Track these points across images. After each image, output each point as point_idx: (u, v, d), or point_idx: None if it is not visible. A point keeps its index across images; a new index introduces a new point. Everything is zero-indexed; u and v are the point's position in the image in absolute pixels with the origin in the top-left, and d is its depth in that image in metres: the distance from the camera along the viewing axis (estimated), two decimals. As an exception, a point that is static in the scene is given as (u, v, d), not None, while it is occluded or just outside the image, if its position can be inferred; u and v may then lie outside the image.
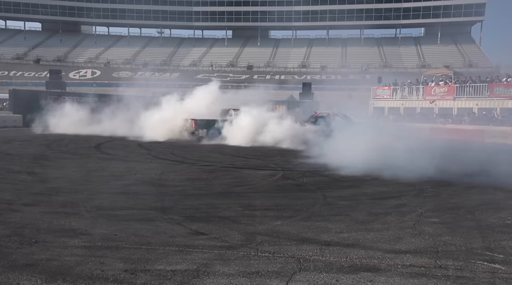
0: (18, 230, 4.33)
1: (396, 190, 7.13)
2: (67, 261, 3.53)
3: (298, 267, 3.53)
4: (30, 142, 14.37)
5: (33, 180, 7.33)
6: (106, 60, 57.92)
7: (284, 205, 5.83)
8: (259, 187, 7.33)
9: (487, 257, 3.87)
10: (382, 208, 5.78)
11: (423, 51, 56.31)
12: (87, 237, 4.19)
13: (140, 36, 67.32)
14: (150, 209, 5.42)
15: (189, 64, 58.20)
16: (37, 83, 42.96)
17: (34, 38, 62.80)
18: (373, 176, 8.41)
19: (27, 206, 5.33)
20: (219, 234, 4.41)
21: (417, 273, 3.45)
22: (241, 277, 3.31)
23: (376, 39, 61.47)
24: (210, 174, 8.56)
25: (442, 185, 7.82)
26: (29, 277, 3.18)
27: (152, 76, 53.71)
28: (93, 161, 10.10)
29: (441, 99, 27.23)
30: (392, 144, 10.53)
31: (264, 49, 60.71)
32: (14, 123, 23.31)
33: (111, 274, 3.27)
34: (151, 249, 3.90)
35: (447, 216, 5.39)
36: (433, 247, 4.13)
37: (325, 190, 7.02)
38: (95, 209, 5.29)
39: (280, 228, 4.68)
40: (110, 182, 7.38)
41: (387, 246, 4.13)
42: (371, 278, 3.33)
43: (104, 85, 47.29)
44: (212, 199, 6.17)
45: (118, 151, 12.53)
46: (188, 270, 3.41)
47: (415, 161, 8.97)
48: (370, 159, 9.02)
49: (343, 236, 4.45)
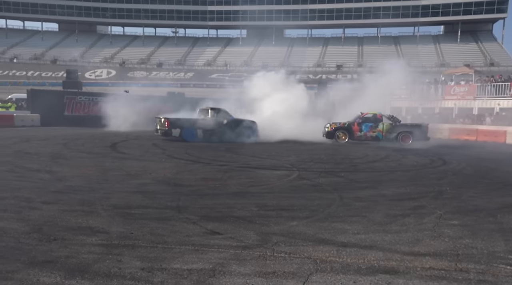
0: (37, 227, 4.40)
1: (414, 192, 6.99)
2: (85, 258, 3.56)
3: (315, 268, 3.49)
4: (48, 141, 14.66)
5: (51, 179, 7.46)
6: (121, 60, 58.76)
7: (299, 206, 5.78)
8: (274, 187, 7.29)
9: (510, 260, 3.75)
10: (400, 209, 5.68)
11: (442, 49, 55.33)
12: (104, 235, 4.23)
13: (155, 36, 68.07)
14: (166, 208, 5.44)
15: (204, 63, 58.55)
16: (54, 83, 43.88)
17: (51, 39, 64.15)
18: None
19: (46, 204, 5.42)
20: (235, 234, 4.39)
21: (437, 276, 3.37)
22: (257, 277, 3.28)
23: (393, 38, 60.71)
24: (224, 174, 8.56)
25: (463, 187, 7.65)
26: (49, 273, 3.22)
27: (167, 75, 54.25)
28: (109, 160, 10.23)
29: (461, 99, 26.66)
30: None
31: (279, 48, 60.56)
32: (32, 123, 23.84)
33: (128, 272, 3.29)
34: (167, 248, 3.91)
35: (467, 219, 5.26)
36: (454, 250, 4.03)
37: (342, 191, 6.93)
38: (111, 208, 5.34)
39: (296, 229, 4.64)
40: (125, 181, 7.46)
41: (406, 248, 4.05)
42: (389, 280, 3.26)
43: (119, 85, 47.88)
44: (227, 199, 6.16)
45: (133, 150, 12.67)
46: (204, 269, 3.40)
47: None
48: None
49: (360, 237, 4.38)
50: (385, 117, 17.78)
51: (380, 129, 17.36)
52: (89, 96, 27.23)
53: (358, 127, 17.54)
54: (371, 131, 17.42)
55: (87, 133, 18.30)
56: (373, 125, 17.46)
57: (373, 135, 17.43)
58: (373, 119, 17.54)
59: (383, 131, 17.34)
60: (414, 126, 17.64)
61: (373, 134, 17.41)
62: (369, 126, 17.46)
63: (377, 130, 17.37)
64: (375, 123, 17.47)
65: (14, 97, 32.86)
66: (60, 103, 25.85)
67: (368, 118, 17.60)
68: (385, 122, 17.50)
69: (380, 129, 17.36)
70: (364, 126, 17.49)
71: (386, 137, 17.27)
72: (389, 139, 17.23)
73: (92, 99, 26.84)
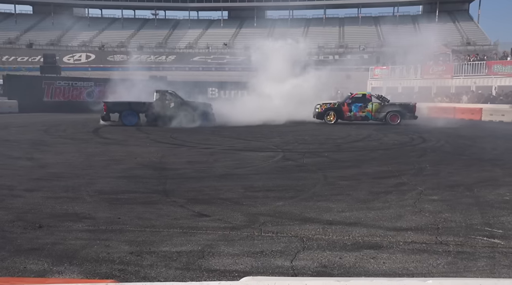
0: (21, 215, 4.35)
1: (396, 170, 7.17)
2: (73, 244, 3.56)
3: (302, 246, 3.58)
4: (27, 128, 14.29)
5: (32, 166, 7.32)
6: (100, 43, 57.05)
7: (285, 186, 5.86)
8: (260, 169, 7.35)
9: (487, 232, 3.93)
10: (382, 187, 5.83)
11: (421, 29, 55.67)
12: (90, 221, 4.21)
13: (134, 19, 66.13)
14: (152, 193, 5.44)
15: (185, 46, 57.42)
16: (31, 68, 42.42)
17: (26, 22, 61.58)
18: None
19: (29, 192, 5.33)
20: (222, 216, 4.44)
21: (419, 249, 3.51)
22: (246, 256, 3.35)
23: (374, 18, 60.65)
24: (210, 157, 8.57)
25: (441, 164, 7.88)
26: (36, 261, 3.21)
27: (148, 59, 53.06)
28: (92, 146, 10.08)
29: (439, 78, 27.11)
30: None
31: (261, 29, 59.72)
32: (9, 109, 23.14)
33: (117, 257, 3.31)
34: (155, 231, 3.93)
35: (446, 194, 5.44)
36: (434, 224, 4.18)
37: (326, 171, 7.05)
38: (97, 194, 5.30)
39: (282, 209, 4.72)
40: (110, 166, 7.38)
41: (389, 224, 4.18)
42: (373, 255, 3.38)
43: (99, 69, 46.78)
44: (214, 181, 6.19)
45: (116, 135, 12.49)
46: (193, 251, 3.44)
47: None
48: None
49: (345, 215, 4.50)
50: (374, 97, 18.05)
51: (369, 109, 17.66)
52: (68, 81, 26.52)
53: (348, 107, 17.83)
54: (361, 111, 17.74)
55: (68, 119, 17.91)
56: (363, 105, 17.74)
57: (363, 115, 17.75)
58: (363, 99, 17.85)
59: (372, 111, 17.66)
60: (402, 106, 17.93)
61: (363, 114, 17.74)
62: (359, 106, 17.75)
63: (367, 110, 17.70)
64: (365, 103, 17.76)
65: (-12, 84, 31.68)
66: (39, 89, 25.14)
67: (357, 98, 17.88)
68: (374, 102, 17.77)
69: (370, 109, 17.66)
70: (353, 106, 17.79)
71: (375, 117, 17.62)
72: (378, 119, 17.58)
73: (72, 84, 26.17)
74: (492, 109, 21.18)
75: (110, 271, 3.04)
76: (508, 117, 19.94)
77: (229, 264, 3.21)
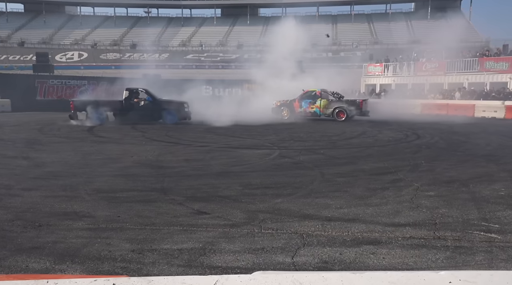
0: (20, 214, 4.33)
1: (392, 166, 7.23)
2: (74, 243, 3.56)
3: (302, 243, 3.61)
4: (21, 127, 14.17)
5: (29, 165, 7.27)
6: (92, 41, 56.60)
7: (283, 183, 5.89)
8: (257, 166, 7.37)
9: (484, 227, 3.99)
10: (379, 183, 5.88)
11: (413, 26, 56.00)
12: (90, 219, 4.21)
13: (127, 16, 65.65)
14: (151, 191, 5.44)
15: (178, 44, 57.19)
16: (23, 67, 41.93)
17: (17, 20, 60.84)
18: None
19: (27, 191, 5.31)
20: (222, 213, 4.46)
21: (417, 245, 3.56)
22: (247, 253, 3.38)
23: (366, 15, 60.88)
24: (206, 155, 8.57)
25: (437, 160, 7.97)
26: (37, 259, 3.20)
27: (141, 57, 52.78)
28: (88, 145, 10.03)
29: (432, 74, 27.29)
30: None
31: (254, 27, 59.76)
32: (2, 108, 22.90)
33: (118, 255, 3.31)
34: (155, 229, 3.94)
35: (443, 190, 5.51)
36: (431, 219, 4.24)
37: (322, 168, 7.10)
38: (95, 192, 5.29)
39: (281, 206, 4.75)
40: (107, 164, 7.36)
41: (387, 220, 4.23)
42: (373, 251, 3.42)
43: (92, 67, 46.38)
44: (211, 179, 6.20)
45: (112, 133, 12.44)
46: (194, 249, 3.46)
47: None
48: None
49: (343, 211, 4.54)
50: (326, 94, 18.64)
51: (317, 105, 18.31)
52: (62, 80, 26.29)
53: (299, 103, 18.56)
54: (310, 107, 18.42)
55: (62, 118, 17.72)
56: (312, 101, 18.41)
57: (312, 111, 18.42)
58: (312, 95, 18.50)
59: (320, 107, 18.29)
60: (348, 102, 18.41)
61: (312, 110, 18.42)
62: (308, 102, 18.43)
63: (315, 106, 18.36)
64: (313, 99, 18.40)
65: (-20, 82, 31.30)
66: (32, 88, 24.89)
67: (307, 95, 18.57)
68: (323, 98, 18.35)
69: (318, 105, 18.30)
70: (303, 103, 18.50)
71: (324, 113, 18.27)
72: (326, 115, 18.23)
73: (65, 83, 25.96)
74: (484, 106, 21.39)
75: (112, 269, 3.05)
76: (501, 113, 20.15)
77: (231, 261, 3.23)
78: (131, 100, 15.57)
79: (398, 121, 17.14)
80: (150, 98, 15.76)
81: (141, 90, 15.98)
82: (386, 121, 17.20)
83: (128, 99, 15.60)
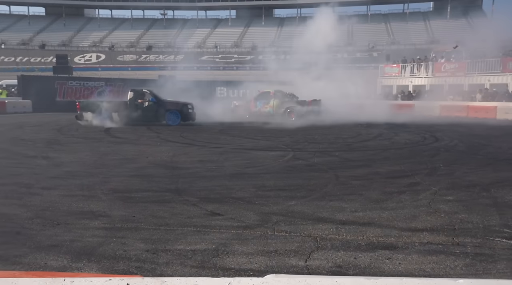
0: (39, 212, 4.43)
1: (409, 169, 7.11)
2: (90, 242, 3.61)
3: (316, 246, 3.57)
4: (41, 127, 14.51)
5: (48, 165, 7.44)
6: (110, 43, 57.62)
7: (297, 186, 5.86)
8: (270, 168, 7.35)
9: (506, 234, 3.87)
10: (395, 187, 5.79)
11: (432, 26, 55.05)
12: (106, 218, 4.27)
13: (143, 19, 66.63)
14: (165, 191, 5.48)
15: (193, 45, 57.66)
16: (43, 69, 43.04)
17: (38, 23, 62.49)
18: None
19: (46, 190, 5.43)
20: (235, 215, 4.46)
21: (435, 251, 3.47)
22: (260, 255, 3.36)
23: (383, 15, 60.21)
24: (220, 156, 8.60)
25: (456, 163, 7.79)
26: (56, 257, 3.26)
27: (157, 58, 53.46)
28: (105, 145, 10.19)
29: (452, 75, 26.75)
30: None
31: (269, 28, 59.81)
32: (24, 109, 23.55)
33: (133, 254, 3.35)
34: (169, 229, 3.97)
35: (462, 194, 5.38)
36: (450, 224, 4.14)
37: (337, 170, 7.02)
38: (111, 192, 5.36)
39: (294, 208, 4.72)
40: (123, 165, 7.46)
41: (403, 224, 4.15)
42: (389, 256, 3.36)
43: (109, 69, 47.24)
44: (225, 180, 6.21)
45: (128, 134, 12.62)
46: (208, 250, 3.46)
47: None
48: None
49: (358, 215, 4.48)
50: (280, 94, 19.32)
51: (271, 105, 19.11)
52: (80, 81, 26.87)
53: (254, 103, 19.51)
54: (264, 107, 19.23)
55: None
56: (266, 101, 19.28)
57: (266, 110, 19.16)
58: (266, 96, 19.41)
59: (273, 107, 19.03)
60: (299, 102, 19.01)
61: (266, 110, 19.17)
62: (263, 102, 19.31)
63: (269, 106, 19.15)
64: (267, 99, 19.27)
65: (4, 84, 32.39)
66: (52, 89, 25.53)
67: (262, 95, 19.60)
68: (276, 98, 19.09)
69: (271, 105, 19.09)
70: (258, 103, 19.42)
71: (277, 112, 18.90)
72: (279, 114, 18.81)
73: (83, 84, 26.50)
74: (507, 107, 20.78)
75: (127, 268, 3.08)
76: (524, 116, 19.60)
77: (244, 263, 3.23)
78: (136, 101, 15.77)
79: (416, 123, 16.86)
80: (154, 99, 15.92)
81: (146, 91, 16.20)
82: (404, 123, 16.95)
83: (133, 100, 15.80)
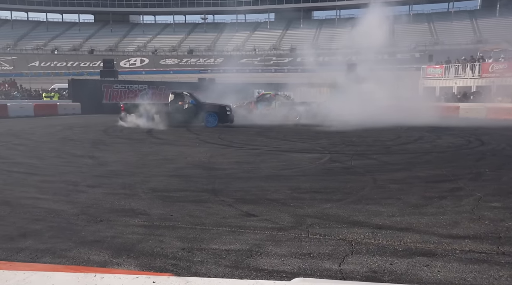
0: (84, 209, 4.69)
1: (451, 174, 6.81)
2: (130, 238, 3.78)
3: (350, 250, 3.52)
4: (89, 128, 15.32)
5: (94, 164, 7.85)
6: (153, 48, 59.81)
7: (332, 188, 5.79)
8: (306, 170, 7.31)
9: (556, 244, 3.63)
10: (436, 192, 5.56)
11: (479, 25, 52.28)
12: (145, 217, 4.44)
13: (185, 23, 68.55)
14: (202, 191, 5.61)
15: (233, 49, 58.48)
16: (92, 73, 45.42)
17: (88, 30, 66.17)
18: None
19: (91, 188, 5.74)
20: (270, 216, 4.48)
21: (478, 259, 3.32)
22: (293, 258, 3.36)
23: (426, 15, 57.98)
24: (257, 158, 8.67)
25: (503, 168, 7.37)
26: (98, 252, 3.45)
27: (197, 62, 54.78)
28: (146, 146, 10.59)
29: (500, 76, 25.27)
30: None
31: (307, 31, 59.39)
32: (73, 111, 25.01)
33: (170, 252, 3.47)
34: (205, 229, 4.06)
35: (509, 201, 5.08)
36: (495, 232, 3.93)
37: (374, 173, 6.86)
38: (151, 191, 5.57)
39: (329, 211, 4.67)
40: (163, 165, 7.72)
41: (443, 231, 3.99)
42: (427, 263, 3.25)
43: (153, 72, 49.01)
44: (261, 181, 6.26)
45: (168, 136, 13.03)
46: (242, 250, 3.52)
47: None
48: None
49: (395, 219, 4.36)
50: (280, 97, 19.96)
51: (273, 106, 19.47)
52: (125, 84, 28.15)
53: (255, 105, 19.76)
54: (266, 109, 19.46)
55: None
56: (267, 103, 19.62)
57: (267, 112, 19.24)
58: (268, 98, 19.77)
59: (275, 109, 19.30)
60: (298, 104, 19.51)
61: (267, 112, 19.23)
62: (264, 104, 19.61)
63: (271, 108, 19.45)
64: (269, 101, 19.64)
65: (56, 87, 34.65)
66: (99, 92, 26.93)
67: (263, 97, 19.98)
68: (278, 100, 19.46)
69: (273, 106, 19.46)
70: (259, 105, 19.69)
71: (278, 114, 18.80)
72: (281, 116, 18.69)
73: (128, 87, 27.72)
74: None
75: (164, 266, 3.19)
76: None
77: (277, 264, 3.24)
78: (176, 103, 16.21)
79: (460, 126, 16.09)
80: (193, 101, 16.30)
81: (186, 93, 16.60)
82: (447, 126, 16.22)
83: (174, 102, 16.25)
